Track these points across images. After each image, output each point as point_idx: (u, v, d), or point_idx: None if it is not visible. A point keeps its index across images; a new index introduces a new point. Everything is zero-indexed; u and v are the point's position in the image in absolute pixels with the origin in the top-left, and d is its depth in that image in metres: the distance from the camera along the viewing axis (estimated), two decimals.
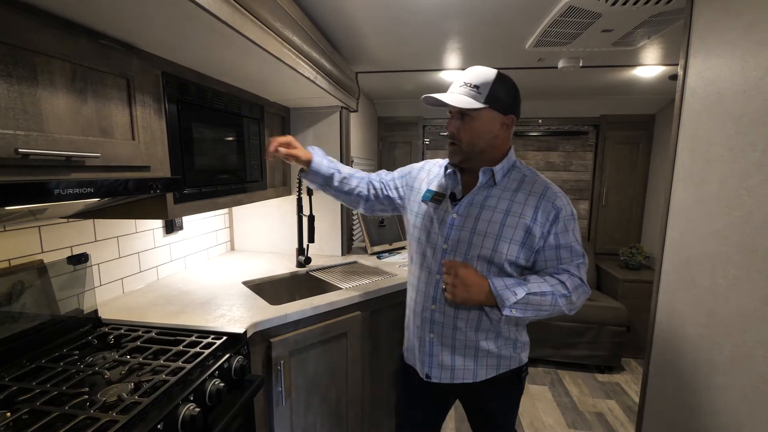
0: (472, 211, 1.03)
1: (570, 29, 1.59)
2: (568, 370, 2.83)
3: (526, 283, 0.98)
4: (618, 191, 3.26)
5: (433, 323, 1.09)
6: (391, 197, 1.28)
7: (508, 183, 1.04)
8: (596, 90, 2.87)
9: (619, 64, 2.16)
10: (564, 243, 1.00)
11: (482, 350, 1.07)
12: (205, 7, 0.83)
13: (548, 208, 0.99)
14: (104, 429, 0.76)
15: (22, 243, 1.14)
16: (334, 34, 1.69)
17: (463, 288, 0.98)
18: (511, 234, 0.99)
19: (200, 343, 1.13)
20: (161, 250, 1.73)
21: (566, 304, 1.00)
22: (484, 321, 1.05)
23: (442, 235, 1.06)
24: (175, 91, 1.18)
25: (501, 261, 1.00)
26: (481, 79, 0.98)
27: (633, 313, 2.80)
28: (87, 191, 0.82)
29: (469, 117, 1.00)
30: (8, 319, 1.05)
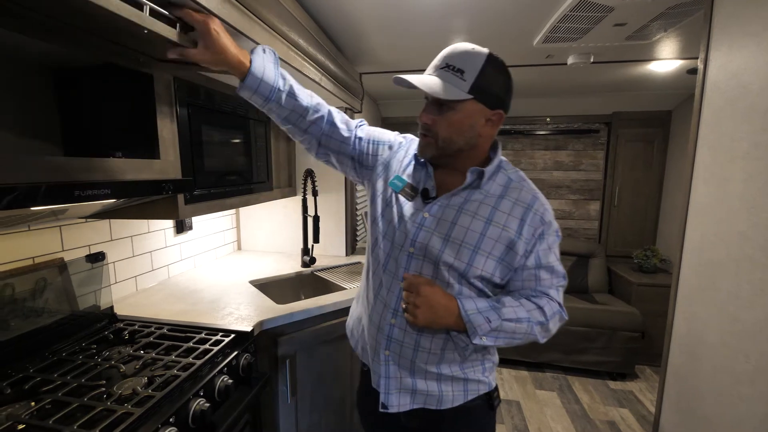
0: (448, 214, 0.87)
1: (580, 24, 1.57)
2: (578, 376, 2.76)
3: (501, 307, 0.84)
4: (631, 191, 3.18)
5: (391, 340, 0.91)
6: (361, 152, 1.01)
7: (493, 187, 0.88)
8: (608, 86, 2.81)
9: (632, 59, 2.11)
10: (546, 263, 0.87)
11: (445, 375, 0.91)
12: (213, 12, 0.85)
13: (535, 222, 0.85)
14: (120, 421, 0.80)
15: (44, 242, 1.20)
16: (339, 35, 1.70)
17: (428, 309, 0.83)
18: (491, 247, 0.84)
19: (209, 340, 1.17)
20: (172, 250, 1.79)
21: (541, 332, 0.88)
22: (450, 343, 0.89)
23: (408, 236, 0.88)
24: (186, 96, 1.22)
25: (473, 276, 0.85)
26: (468, 62, 0.80)
27: (648, 319, 2.71)
28: (104, 192, 0.86)
29: (448, 108, 0.82)
30: (33, 313, 1.10)
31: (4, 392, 0.92)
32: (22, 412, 0.84)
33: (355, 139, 1.01)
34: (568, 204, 3.38)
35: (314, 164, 2.08)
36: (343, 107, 2.07)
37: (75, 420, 0.80)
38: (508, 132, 3.31)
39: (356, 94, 2.17)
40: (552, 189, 3.38)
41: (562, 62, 2.08)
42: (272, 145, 1.85)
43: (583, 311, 2.71)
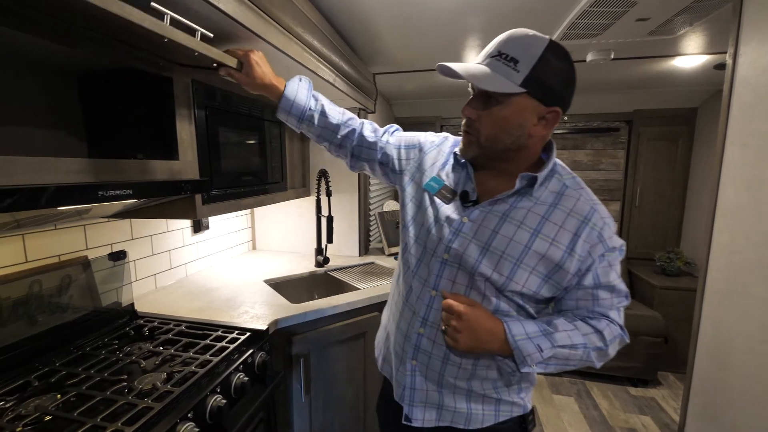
0: (490, 221, 0.78)
1: (600, 20, 1.53)
2: (596, 381, 2.70)
3: (553, 332, 0.75)
4: (653, 191, 3.09)
5: (418, 350, 0.86)
6: (391, 157, 1.00)
7: (544, 194, 0.78)
8: (629, 83, 2.74)
9: (655, 54, 2.05)
10: (605, 282, 0.77)
11: (476, 392, 0.83)
12: (231, 15, 0.87)
13: (593, 238, 0.75)
14: (141, 415, 0.83)
15: (69, 240, 1.25)
16: (353, 36, 1.71)
17: (470, 334, 0.76)
18: (535, 262, 0.75)
19: (226, 338, 1.19)
20: (189, 249, 1.83)
21: (598, 358, 0.79)
22: (484, 357, 0.81)
23: (443, 241, 0.81)
24: (204, 98, 1.24)
25: (513, 293, 0.77)
26: (524, 50, 0.69)
27: (671, 323, 2.63)
28: (127, 193, 0.89)
29: (496, 102, 0.73)
30: (58, 309, 1.15)
31: (32, 384, 0.96)
32: (49, 403, 0.87)
33: (383, 145, 1.01)
34: None
35: (328, 165, 2.10)
36: (356, 107, 2.08)
37: (98, 413, 0.83)
38: None
39: (369, 94, 2.18)
40: None
41: (581, 59, 2.03)
42: (287, 145, 1.88)
43: None
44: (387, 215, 2.43)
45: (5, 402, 0.89)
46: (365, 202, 2.36)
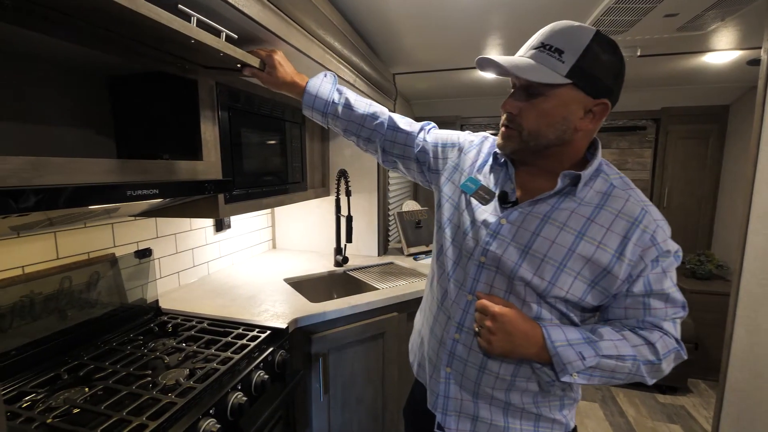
0: (530, 223, 0.74)
1: (626, 16, 1.49)
2: (622, 388, 2.62)
3: (598, 341, 0.69)
4: (683, 191, 2.98)
5: (453, 357, 0.82)
6: (429, 155, 0.97)
7: (589, 194, 0.73)
8: (656, 81, 2.65)
9: (684, 51, 1.97)
10: (658, 290, 0.70)
11: (515, 405, 0.78)
12: (255, 19, 0.88)
13: (644, 241, 0.69)
14: (165, 410, 0.84)
15: (98, 238, 1.29)
16: (373, 36, 1.71)
17: (504, 337, 0.71)
18: (580, 266, 0.70)
19: (247, 336, 1.21)
20: (212, 247, 1.86)
21: (650, 373, 0.72)
22: (524, 367, 0.76)
23: (480, 243, 0.77)
24: (227, 100, 1.26)
25: (556, 298, 0.72)
26: (569, 41, 0.66)
27: (701, 329, 2.53)
28: (153, 192, 0.92)
29: (539, 95, 0.69)
30: (87, 305, 1.19)
31: (62, 377, 0.99)
32: (78, 397, 0.90)
33: (420, 142, 0.98)
34: None
35: (347, 165, 2.11)
36: None
37: (124, 407, 0.85)
38: None
39: (389, 94, 2.17)
40: None
41: None
42: (307, 146, 1.89)
43: None
44: (406, 215, 2.42)
45: (37, 394, 0.92)
46: (384, 202, 2.36)
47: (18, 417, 0.83)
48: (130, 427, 0.79)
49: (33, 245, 1.09)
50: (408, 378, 1.68)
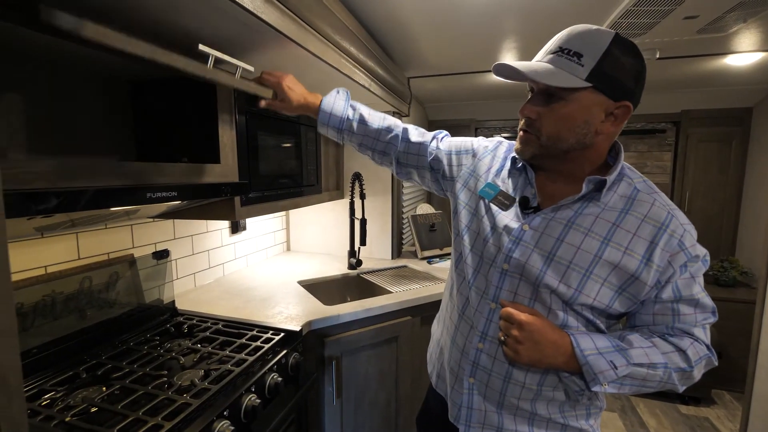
0: (553, 229, 0.72)
1: (644, 19, 1.46)
2: (642, 398, 2.54)
3: (628, 349, 0.68)
4: (704, 196, 2.89)
5: (477, 367, 0.80)
6: (443, 163, 0.96)
7: (613, 199, 0.71)
8: (676, 83, 2.59)
9: (705, 53, 1.93)
10: (687, 295, 0.69)
11: (541, 416, 0.77)
12: (273, 25, 0.89)
13: (672, 246, 0.67)
14: (180, 410, 0.85)
15: (117, 239, 1.31)
16: (388, 41, 1.72)
17: (532, 346, 0.70)
18: (607, 273, 0.68)
19: (261, 338, 1.21)
20: (227, 249, 1.88)
21: (681, 380, 0.70)
22: (550, 376, 0.75)
23: (503, 250, 0.76)
24: (244, 103, 1.28)
25: (583, 305, 0.70)
26: (588, 44, 0.65)
27: (725, 337, 2.45)
28: (172, 195, 0.93)
29: (559, 99, 0.68)
30: (106, 304, 1.21)
31: (81, 376, 1.01)
32: (95, 395, 0.92)
33: (433, 150, 0.98)
34: None
35: (362, 168, 2.11)
36: (390, 111, 2.08)
37: (140, 407, 0.86)
38: None
39: (404, 98, 2.17)
40: None
41: None
42: (322, 149, 1.90)
43: None
44: (420, 218, 2.41)
45: (56, 392, 0.94)
46: (398, 205, 2.35)
47: (38, 415, 0.84)
48: (146, 427, 0.80)
49: (56, 246, 1.12)
50: (421, 383, 1.67)
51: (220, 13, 0.82)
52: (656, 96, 2.88)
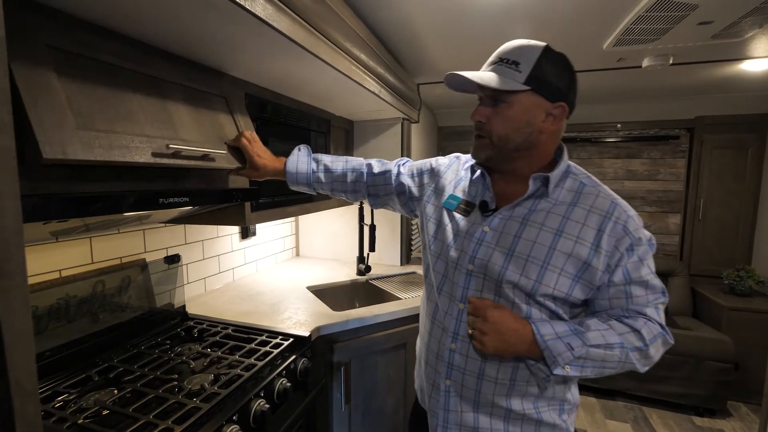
0: (511, 227, 0.78)
1: (657, 24, 1.45)
2: (655, 408, 2.48)
3: (585, 332, 0.73)
4: (719, 203, 2.84)
5: (452, 367, 0.83)
6: (406, 185, 1.04)
7: (562, 194, 0.79)
8: (690, 89, 2.56)
9: (720, 58, 1.91)
10: (637, 278, 0.74)
11: (516, 412, 0.79)
12: (285, 33, 0.90)
13: (617, 231, 0.74)
14: (189, 414, 0.85)
15: (130, 244, 1.33)
16: (398, 48, 1.73)
17: (496, 336, 0.74)
18: (563, 262, 0.74)
19: (270, 343, 1.21)
20: (237, 254, 1.90)
21: (640, 359, 0.75)
22: (521, 371, 0.78)
23: (467, 253, 0.81)
24: (256, 110, 1.30)
25: (545, 295, 0.75)
26: (523, 54, 0.75)
27: (742, 348, 2.39)
28: (183, 200, 0.94)
29: (503, 102, 0.76)
30: (118, 308, 1.22)
31: (93, 379, 1.02)
32: (107, 398, 0.92)
33: (396, 176, 1.06)
34: (642, 216, 3.05)
35: None
36: (400, 117, 2.09)
37: (150, 410, 0.87)
38: (573, 140, 3.12)
39: (413, 104, 2.18)
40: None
41: (636, 65, 1.93)
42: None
43: None
44: None
45: (69, 394, 0.95)
46: None
47: (51, 416, 0.85)
48: (156, 430, 0.80)
49: (70, 250, 1.14)
50: None
51: (234, 22, 0.83)
52: (669, 102, 2.85)
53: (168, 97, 0.95)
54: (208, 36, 0.91)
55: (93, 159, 0.72)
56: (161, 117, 0.92)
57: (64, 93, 0.71)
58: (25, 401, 0.42)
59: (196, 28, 0.87)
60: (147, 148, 0.84)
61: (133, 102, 0.86)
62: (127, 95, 0.85)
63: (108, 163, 0.75)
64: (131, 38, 0.89)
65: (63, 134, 0.68)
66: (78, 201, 0.72)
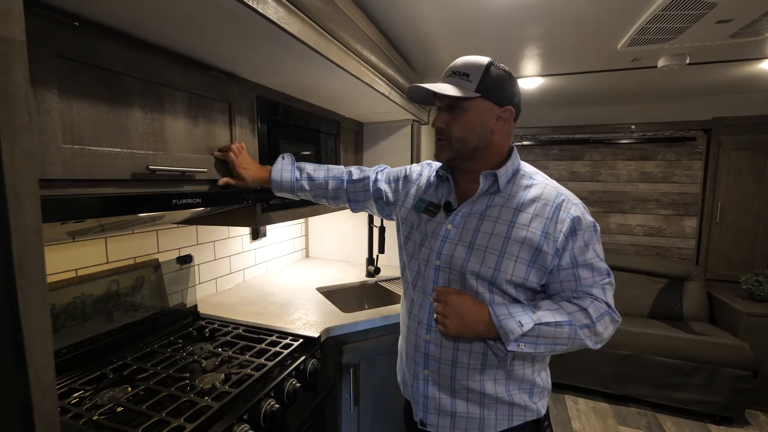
0: (470, 223, 0.88)
1: (674, 23, 1.41)
2: (670, 415, 2.42)
3: (536, 311, 0.81)
4: (737, 206, 2.76)
5: (428, 358, 0.91)
6: (382, 191, 1.13)
7: (514, 189, 0.88)
8: (707, 89, 2.50)
9: (739, 58, 1.86)
10: (583, 261, 0.83)
11: (489, 395, 0.87)
12: (296, 35, 0.91)
13: (563, 219, 0.83)
14: (201, 413, 0.87)
15: (143, 244, 1.35)
16: (408, 49, 1.73)
17: (457, 318, 0.82)
18: (517, 250, 0.82)
19: (280, 343, 1.22)
20: (248, 255, 1.91)
21: (590, 336, 0.82)
22: (491, 357, 0.86)
23: (434, 250, 0.91)
24: (266, 112, 1.31)
25: (504, 282, 0.83)
26: (471, 67, 0.86)
27: (761, 355, 2.32)
28: (196, 201, 0.96)
29: (459, 109, 0.86)
30: (131, 307, 1.24)
31: (108, 376, 1.04)
32: (121, 395, 0.94)
33: (374, 183, 1.15)
34: (657, 219, 3.04)
35: None
36: (410, 119, 2.09)
37: (163, 408, 0.88)
38: (585, 141, 3.08)
39: (424, 106, 2.18)
40: (637, 203, 3.07)
41: (652, 65, 1.89)
42: (341, 157, 1.92)
43: (677, 341, 2.38)
44: None
45: (84, 391, 0.97)
46: None
47: (67, 412, 0.87)
48: (168, 427, 0.82)
49: (86, 250, 1.17)
50: None
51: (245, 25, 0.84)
52: (685, 102, 2.79)
53: (167, 106, 0.96)
54: (222, 39, 0.93)
55: (72, 178, 0.74)
56: (153, 128, 0.93)
57: (59, 108, 0.72)
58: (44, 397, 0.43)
59: (210, 31, 0.88)
60: (128, 165, 0.85)
61: (127, 114, 0.87)
62: (123, 107, 0.86)
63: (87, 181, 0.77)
64: (148, 42, 0.90)
65: (47, 155, 0.70)
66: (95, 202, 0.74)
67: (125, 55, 0.85)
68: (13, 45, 0.39)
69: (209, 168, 1.08)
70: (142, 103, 0.90)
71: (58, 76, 0.72)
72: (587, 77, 2.18)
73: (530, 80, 2.25)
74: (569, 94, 2.66)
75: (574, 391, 2.66)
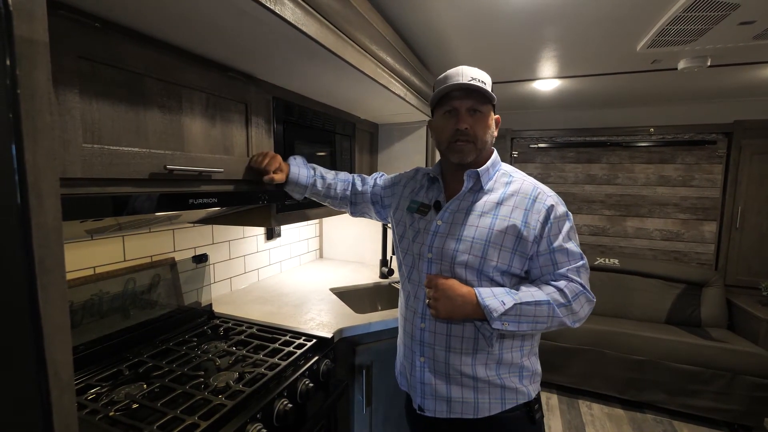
0: (458, 217, 0.97)
1: (695, 25, 1.39)
2: (686, 422, 2.37)
3: (516, 293, 0.89)
4: (759, 211, 2.68)
5: (423, 344, 0.98)
6: (379, 195, 1.23)
7: (495, 186, 0.98)
8: (728, 92, 2.45)
9: (762, 60, 1.82)
10: (558, 246, 0.92)
11: (481, 379, 0.93)
12: (313, 36, 0.91)
13: (539, 208, 0.92)
14: (215, 411, 0.87)
15: (160, 243, 1.37)
16: (424, 50, 1.72)
17: (446, 300, 0.90)
18: (501, 239, 0.91)
19: (293, 343, 1.22)
20: (262, 255, 1.93)
21: (568, 315, 0.90)
22: (481, 341, 0.93)
23: (426, 244, 0.98)
24: (282, 113, 1.32)
25: (491, 269, 0.91)
26: (483, 76, 0.95)
27: None
28: (212, 201, 0.97)
29: (480, 113, 0.95)
30: (148, 305, 1.26)
31: (124, 373, 1.05)
32: (137, 392, 0.95)
33: (371, 187, 1.25)
34: (675, 224, 2.97)
35: None
36: (424, 121, 2.08)
37: (178, 405, 0.89)
38: (603, 144, 3.03)
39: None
40: (655, 206, 3.00)
41: (671, 67, 1.86)
42: (356, 158, 1.92)
43: (695, 347, 2.32)
44: None
45: (101, 387, 0.98)
46: None
47: (84, 408, 0.88)
48: (183, 425, 0.82)
49: (104, 248, 1.18)
50: None
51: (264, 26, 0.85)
52: (706, 105, 2.73)
53: (185, 106, 0.98)
54: (240, 41, 0.93)
55: (92, 177, 0.76)
56: (171, 129, 0.94)
57: (79, 108, 0.74)
58: (62, 392, 0.44)
59: (229, 33, 0.89)
60: (146, 165, 0.87)
61: (146, 114, 0.88)
62: (142, 108, 0.87)
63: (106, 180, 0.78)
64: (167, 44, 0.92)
65: (67, 154, 0.71)
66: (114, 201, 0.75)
67: (145, 56, 0.86)
68: (37, 46, 0.40)
69: (226, 168, 1.09)
70: (160, 103, 0.91)
71: (79, 76, 0.73)
72: (605, 79, 2.15)
73: (547, 82, 2.23)
74: (587, 96, 2.62)
75: (588, 396, 2.61)
